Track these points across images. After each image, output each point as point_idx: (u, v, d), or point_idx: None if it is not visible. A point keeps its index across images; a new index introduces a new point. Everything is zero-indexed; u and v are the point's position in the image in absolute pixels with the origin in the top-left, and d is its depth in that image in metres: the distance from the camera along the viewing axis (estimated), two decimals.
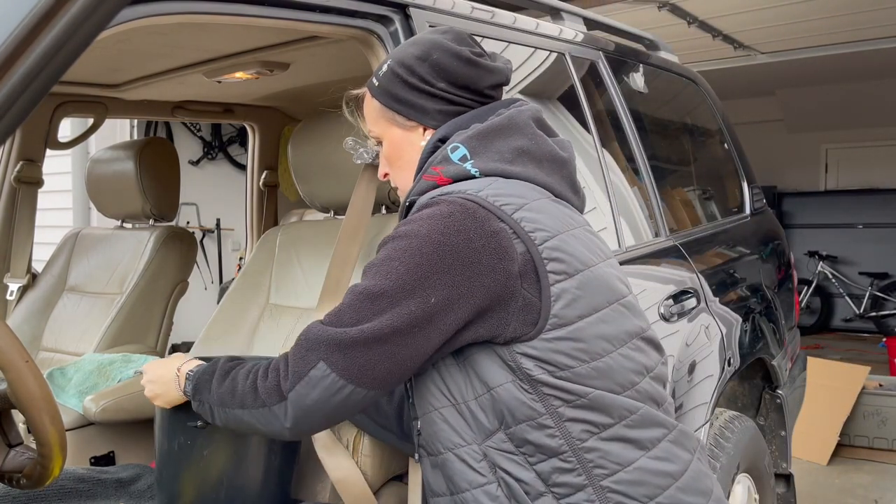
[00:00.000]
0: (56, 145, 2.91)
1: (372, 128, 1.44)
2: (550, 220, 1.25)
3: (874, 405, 4.81)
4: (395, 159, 1.42)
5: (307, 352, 1.20)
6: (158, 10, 1.36)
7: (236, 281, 2.32)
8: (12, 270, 2.90)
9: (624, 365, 1.24)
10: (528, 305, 1.19)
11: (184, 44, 2.05)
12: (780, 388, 2.86)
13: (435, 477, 1.32)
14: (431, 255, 1.17)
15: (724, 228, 2.95)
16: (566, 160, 1.37)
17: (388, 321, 1.17)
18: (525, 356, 1.20)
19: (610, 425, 1.21)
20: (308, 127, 2.20)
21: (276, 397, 1.22)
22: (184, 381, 1.41)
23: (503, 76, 1.39)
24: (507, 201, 1.23)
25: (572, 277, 1.22)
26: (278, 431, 1.25)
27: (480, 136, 1.30)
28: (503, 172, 1.29)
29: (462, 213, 1.20)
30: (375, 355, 1.17)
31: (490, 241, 1.18)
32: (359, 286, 1.22)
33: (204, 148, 5.98)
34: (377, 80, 1.40)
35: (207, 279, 5.80)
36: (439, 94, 1.34)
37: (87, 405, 2.28)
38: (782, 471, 2.91)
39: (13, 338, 1.17)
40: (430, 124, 1.37)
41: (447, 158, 1.31)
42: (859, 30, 5.78)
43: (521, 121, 1.34)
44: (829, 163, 9.84)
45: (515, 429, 1.21)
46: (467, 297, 1.17)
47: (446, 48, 1.34)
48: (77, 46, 0.83)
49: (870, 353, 7.59)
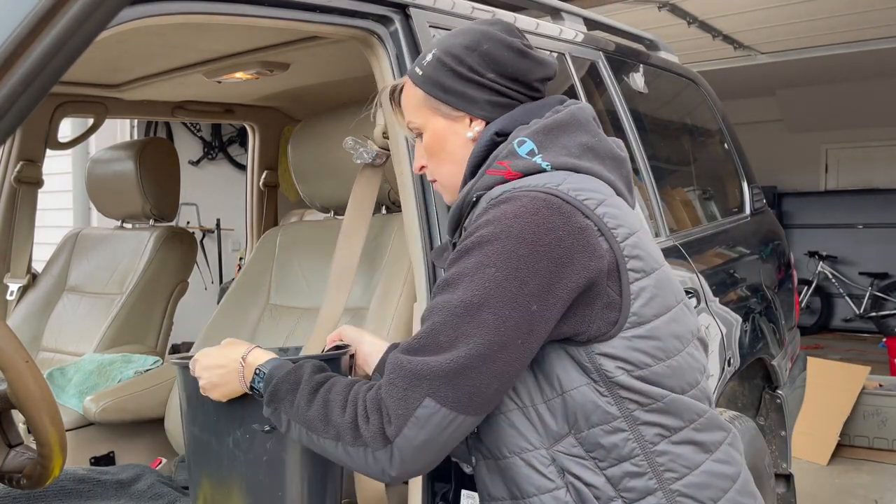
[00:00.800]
0: (56, 145, 2.91)
1: (412, 118, 1.38)
2: (627, 216, 1.23)
3: (874, 405, 4.81)
4: (436, 150, 1.37)
5: (407, 390, 1.10)
6: (158, 10, 1.36)
7: (236, 281, 2.32)
8: (12, 270, 2.90)
9: (691, 364, 1.24)
10: (610, 303, 1.16)
11: (184, 44, 2.05)
12: (780, 388, 2.86)
13: (494, 481, 1.27)
14: (528, 258, 1.11)
15: (724, 228, 2.95)
16: (624, 159, 1.35)
17: (493, 336, 1.10)
18: (604, 356, 1.16)
19: (680, 428, 1.19)
20: (308, 127, 2.20)
21: (380, 442, 1.12)
22: (251, 376, 1.30)
23: (552, 70, 1.36)
24: (589, 196, 1.19)
25: (649, 276, 1.20)
26: (376, 474, 1.16)
27: (546, 130, 1.27)
28: (574, 167, 1.25)
29: (547, 209, 1.14)
30: (484, 377, 1.10)
31: (578, 238, 1.14)
32: (451, 299, 1.12)
33: (204, 148, 5.98)
34: (420, 69, 1.35)
35: (207, 279, 5.79)
36: (488, 84, 1.31)
37: (87, 405, 2.28)
38: (782, 471, 2.91)
39: (13, 338, 1.17)
40: (477, 114, 1.33)
41: (514, 153, 1.26)
42: (859, 30, 5.78)
43: (583, 118, 1.31)
44: (829, 163, 9.84)
45: (587, 433, 1.18)
46: (562, 299, 1.13)
47: (497, 39, 1.31)
48: (77, 46, 0.83)
49: (870, 353, 7.59)
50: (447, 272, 1.18)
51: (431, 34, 1.75)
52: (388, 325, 1.80)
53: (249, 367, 1.30)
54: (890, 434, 4.77)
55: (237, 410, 1.36)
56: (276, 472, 1.41)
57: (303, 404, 1.20)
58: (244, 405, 1.35)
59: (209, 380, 1.34)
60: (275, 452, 1.40)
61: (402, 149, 1.68)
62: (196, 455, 1.45)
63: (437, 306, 1.14)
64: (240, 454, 1.40)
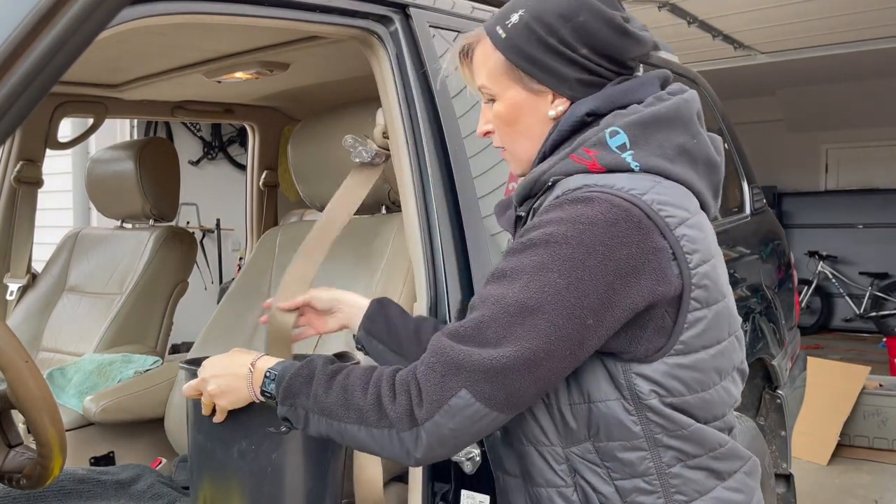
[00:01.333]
0: (56, 145, 2.91)
1: (487, 84, 1.26)
2: (706, 240, 1.15)
3: (874, 405, 4.82)
4: (510, 122, 1.25)
5: (444, 377, 1.07)
6: (158, 10, 1.36)
7: (236, 281, 2.32)
8: (12, 270, 2.90)
9: (723, 398, 1.19)
10: (662, 328, 1.11)
11: (184, 44, 2.04)
12: (780, 388, 2.85)
13: (509, 458, 1.27)
14: (594, 271, 1.04)
15: (724, 228, 2.95)
16: (719, 165, 1.24)
17: (542, 343, 1.04)
18: (641, 376, 1.12)
19: (699, 455, 1.16)
20: (308, 127, 2.19)
21: (407, 423, 1.09)
22: (261, 380, 1.24)
23: (649, 47, 1.23)
24: (672, 213, 1.10)
25: (709, 307, 1.13)
26: (399, 457, 1.12)
27: (643, 124, 1.15)
28: (664, 171, 1.14)
29: (627, 221, 1.06)
30: (525, 381, 1.06)
31: (651, 259, 1.07)
32: (506, 295, 1.07)
33: (204, 148, 5.98)
34: (504, 31, 1.21)
35: (207, 279, 5.80)
36: (580, 60, 1.18)
37: (87, 405, 2.28)
38: (782, 471, 2.91)
39: (13, 338, 1.17)
40: (564, 93, 1.21)
41: (604, 143, 1.15)
42: (859, 30, 5.78)
43: (687, 114, 1.20)
44: (829, 163, 9.85)
45: (606, 444, 1.15)
46: (619, 318, 1.07)
47: (596, 11, 1.17)
48: (77, 46, 0.83)
49: (870, 353, 7.59)
50: (506, 261, 1.11)
51: (431, 34, 1.75)
52: None
53: (259, 372, 1.25)
54: (890, 434, 4.77)
55: (244, 420, 1.35)
56: (279, 481, 1.42)
57: (320, 392, 1.16)
58: (251, 415, 1.33)
59: (217, 386, 1.30)
60: (279, 463, 1.40)
61: (402, 148, 1.68)
62: (200, 462, 1.45)
63: (491, 298, 1.09)
64: (244, 464, 1.39)
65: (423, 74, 1.70)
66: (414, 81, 1.68)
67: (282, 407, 1.21)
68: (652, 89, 1.22)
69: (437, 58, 1.73)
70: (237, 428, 1.37)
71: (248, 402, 1.29)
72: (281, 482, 1.42)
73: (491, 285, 1.11)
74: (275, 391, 1.22)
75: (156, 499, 1.81)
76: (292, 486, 1.43)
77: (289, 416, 1.21)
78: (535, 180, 1.21)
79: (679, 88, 1.24)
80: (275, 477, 1.41)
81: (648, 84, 1.22)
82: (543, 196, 1.19)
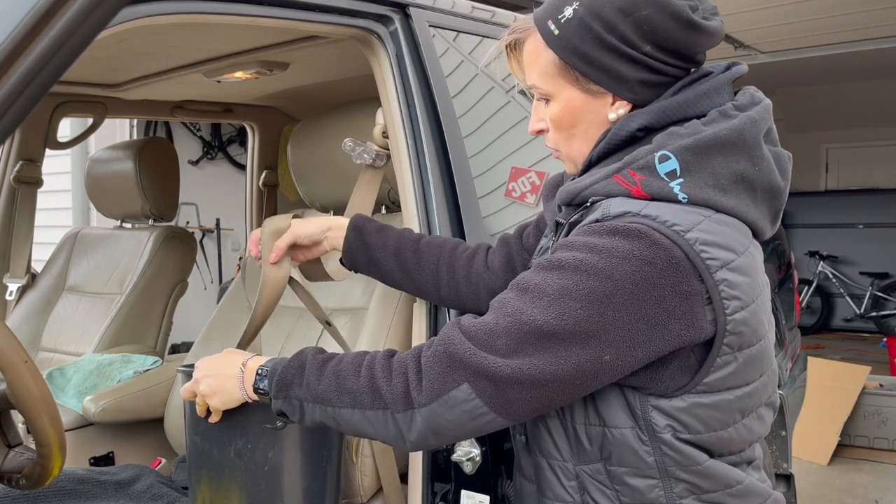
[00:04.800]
0: (56, 145, 2.91)
1: (539, 84, 1.16)
2: (749, 284, 1.07)
3: (875, 405, 4.82)
4: (566, 125, 1.16)
5: (449, 368, 1.05)
6: (158, 10, 1.36)
7: (236, 281, 2.32)
8: (12, 270, 2.90)
9: (742, 436, 1.14)
10: (687, 368, 1.06)
11: (184, 44, 2.04)
12: (781, 388, 2.85)
13: (527, 462, 1.26)
14: (619, 309, 0.99)
15: None
16: (782, 190, 1.15)
17: (551, 367, 1.01)
18: (658, 410, 1.08)
19: (713, 491, 1.12)
20: (308, 127, 2.19)
21: (403, 405, 1.08)
22: (253, 378, 1.23)
23: (720, 37, 1.12)
24: (715, 255, 1.02)
25: (742, 352, 1.07)
26: (394, 439, 1.11)
27: (699, 149, 1.05)
28: (714, 204, 1.05)
29: (665, 262, 0.99)
30: (528, 397, 1.03)
31: (683, 303, 1.01)
32: (524, 311, 1.03)
33: (204, 148, 5.98)
34: (557, 27, 1.11)
35: (207, 279, 5.80)
36: (642, 59, 1.08)
37: (87, 405, 2.28)
38: (783, 471, 2.90)
39: (12, 338, 1.17)
40: (625, 96, 1.12)
41: (651, 168, 1.05)
42: (859, 30, 5.78)
43: (751, 138, 1.09)
44: (829, 163, 9.84)
45: (617, 469, 1.12)
46: (639, 359, 1.03)
47: (660, 3, 1.06)
48: (77, 46, 0.83)
49: (870, 353, 7.59)
50: (534, 273, 1.06)
51: (431, 34, 1.75)
52: (388, 325, 1.79)
53: (250, 371, 1.25)
54: (890, 434, 4.77)
55: (239, 420, 1.36)
56: (276, 480, 1.42)
57: (313, 380, 1.16)
58: (246, 414, 1.34)
59: (209, 386, 1.30)
60: (276, 462, 1.41)
61: (402, 148, 1.67)
62: (197, 463, 1.45)
63: (509, 308, 1.05)
64: (241, 463, 1.40)
65: (423, 74, 1.70)
66: (414, 81, 1.68)
67: (276, 401, 1.20)
68: (718, 99, 1.12)
69: (438, 58, 1.73)
70: (233, 428, 1.38)
71: (240, 402, 1.28)
72: (278, 481, 1.42)
73: (513, 293, 1.07)
74: (268, 387, 1.22)
75: (155, 499, 1.81)
76: (290, 484, 1.43)
77: (284, 408, 1.20)
78: (576, 194, 1.14)
79: (750, 100, 1.13)
80: (272, 476, 1.41)
81: (714, 93, 1.12)
82: (583, 212, 1.13)
